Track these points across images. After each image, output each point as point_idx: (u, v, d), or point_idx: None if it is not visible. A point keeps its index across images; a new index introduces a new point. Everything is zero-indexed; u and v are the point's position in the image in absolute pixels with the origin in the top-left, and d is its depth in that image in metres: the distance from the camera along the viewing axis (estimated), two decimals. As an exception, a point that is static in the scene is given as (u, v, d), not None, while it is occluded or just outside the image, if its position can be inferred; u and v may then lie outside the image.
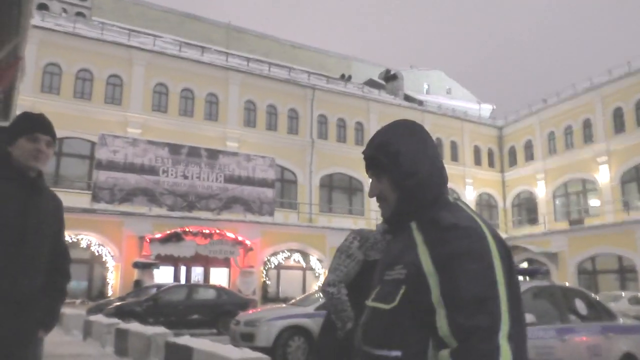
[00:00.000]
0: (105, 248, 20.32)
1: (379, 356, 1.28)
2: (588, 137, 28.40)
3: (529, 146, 32.38)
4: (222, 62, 27.88)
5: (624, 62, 27.73)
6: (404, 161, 1.39)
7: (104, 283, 20.31)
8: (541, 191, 30.73)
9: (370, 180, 1.50)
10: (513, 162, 33.31)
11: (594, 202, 27.95)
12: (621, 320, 7.17)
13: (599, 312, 6.81)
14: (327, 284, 3.03)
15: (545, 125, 31.11)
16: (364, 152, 1.52)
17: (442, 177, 1.44)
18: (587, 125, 28.55)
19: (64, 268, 2.47)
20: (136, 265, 19.89)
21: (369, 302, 1.38)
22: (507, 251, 1.28)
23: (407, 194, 1.39)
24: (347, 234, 3.32)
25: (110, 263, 20.32)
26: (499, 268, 1.22)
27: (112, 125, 23.21)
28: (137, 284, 19.19)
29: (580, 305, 6.55)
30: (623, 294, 17.74)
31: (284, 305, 12.13)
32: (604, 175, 27.07)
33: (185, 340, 6.98)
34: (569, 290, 6.84)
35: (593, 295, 7.39)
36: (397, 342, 1.26)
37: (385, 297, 1.31)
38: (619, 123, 26.84)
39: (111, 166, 21.06)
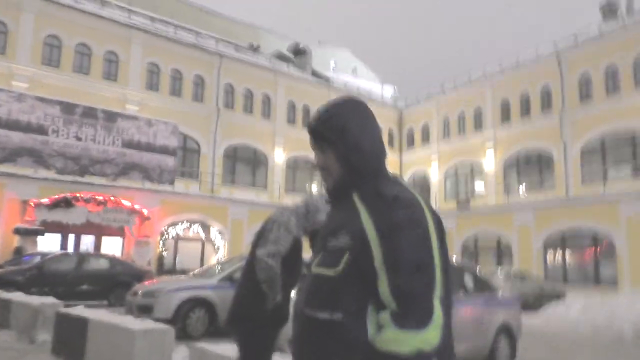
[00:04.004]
0: (-19, 212, 18.51)
1: (321, 319, 1.35)
2: (478, 124, 30.55)
3: (426, 129, 34.17)
4: (125, 19, 26.08)
5: (512, 55, 30.03)
6: (349, 136, 1.47)
7: (-22, 250, 18.54)
8: (434, 172, 32.70)
9: (316, 152, 1.56)
10: (411, 143, 34.99)
11: (479, 185, 30.31)
12: (500, 294, 7.94)
13: (482, 287, 7.48)
14: (267, 254, 3.04)
15: (441, 110, 32.95)
16: (309, 125, 1.57)
17: (383, 152, 1.54)
18: (478, 112, 30.67)
19: None
20: (17, 231, 18.35)
21: (313, 268, 1.44)
22: (439, 222, 1.40)
23: (350, 167, 1.47)
24: (278, 208, 3.35)
25: (-13, 228, 18.57)
26: (434, 237, 1.33)
27: (-7, 76, 20.95)
28: (18, 251, 17.76)
29: (468, 280, 7.14)
30: (499, 270, 19.53)
31: (183, 276, 11.89)
32: (489, 161, 29.39)
33: (79, 311, 6.63)
34: (459, 266, 7.42)
35: (479, 271, 8.07)
36: (339, 305, 1.33)
37: (329, 263, 1.38)
38: (505, 113, 29.13)
39: (-9, 122, 19.06)
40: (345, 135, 1.47)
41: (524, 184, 27.71)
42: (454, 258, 16.11)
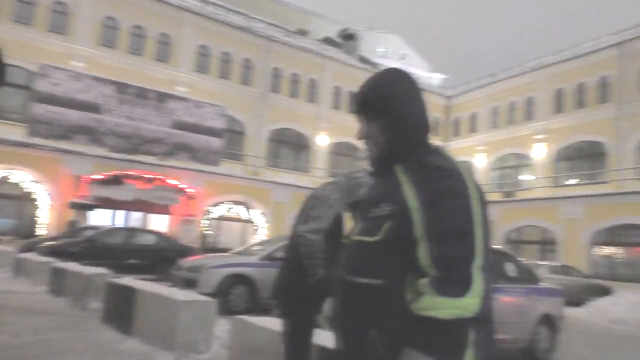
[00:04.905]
0: (39, 185, 19.47)
1: (362, 284, 1.39)
2: (529, 115, 29.61)
3: (473, 118, 33.41)
4: (177, 1, 26.60)
5: (573, 45, 28.87)
6: (395, 106, 1.48)
7: (35, 222, 19.55)
8: (480, 163, 31.99)
9: (360, 123, 1.58)
10: (457, 132, 34.31)
11: (526, 177, 29.47)
12: (543, 284, 7.77)
13: (525, 275, 7.34)
14: (309, 230, 3.10)
15: (491, 100, 32.11)
16: (355, 96, 1.58)
17: (427, 124, 1.54)
18: (530, 102, 29.72)
19: None
20: (72, 205, 19.24)
21: (354, 236, 1.48)
22: (482, 194, 1.40)
23: (395, 137, 1.49)
24: (323, 184, 3.40)
25: (44, 201, 19.55)
26: (477, 207, 1.34)
27: (54, 55, 21.87)
28: (72, 224, 18.63)
29: (510, 268, 7.02)
30: (543, 263, 19.03)
31: (226, 254, 12.18)
32: (539, 152, 28.49)
33: (128, 281, 6.94)
34: (501, 253, 7.30)
35: (521, 259, 7.92)
36: (379, 271, 1.36)
37: (370, 231, 1.40)
38: (559, 103, 28.11)
39: (51, 99, 19.92)
40: (391, 105, 1.48)
41: (574, 176, 26.77)
42: (496, 246, 15.77)
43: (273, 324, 4.28)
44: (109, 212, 20.65)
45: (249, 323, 4.65)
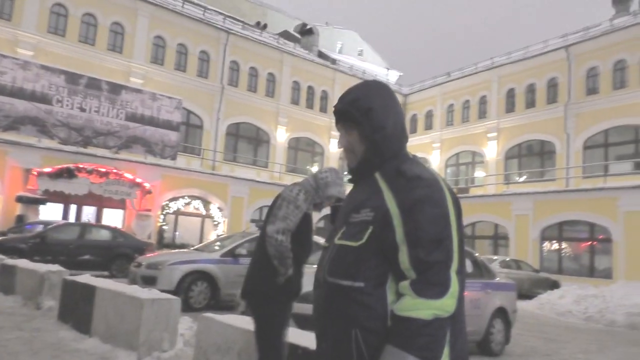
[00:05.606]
0: (-17, 178, 18.57)
1: (344, 286, 1.46)
2: (482, 113, 30.53)
3: (429, 116, 34.12)
4: (131, -10, 25.83)
5: (523, 46, 29.95)
6: (374, 116, 1.56)
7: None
8: (435, 159, 32.75)
9: (339, 133, 1.66)
10: (414, 129, 34.94)
11: (479, 173, 30.42)
12: (498, 279, 8.07)
13: (481, 271, 7.60)
14: (276, 231, 3.13)
15: (446, 98, 32.88)
16: (335, 107, 1.66)
17: (405, 133, 1.64)
18: (483, 101, 30.63)
19: None
20: (20, 199, 18.43)
21: (336, 241, 1.54)
22: (457, 201, 1.50)
23: (374, 147, 1.56)
24: (291, 184, 3.43)
25: (-11, 195, 18.66)
26: (452, 214, 1.44)
27: (-2, 42, 20.87)
28: (20, 219, 17.88)
29: (468, 264, 7.25)
30: (495, 257, 19.74)
31: (186, 250, 12.01)
32: (491, 150, 29.44)
33: (86, 279, 6.75)
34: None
35: (478, 255, 8.20)
36: (361, 274, 1.44)
37: (353, 236, 1.48)
38: (510, 103, 29.12)
39: (-4, 89, 19.00)
40: (370, 115, 1.55)
41: (524, 174, 27.83)
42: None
43: (239, 321, 4.27)
44: (60, 206, 19.91)
45: (215, 321, 4.62)
